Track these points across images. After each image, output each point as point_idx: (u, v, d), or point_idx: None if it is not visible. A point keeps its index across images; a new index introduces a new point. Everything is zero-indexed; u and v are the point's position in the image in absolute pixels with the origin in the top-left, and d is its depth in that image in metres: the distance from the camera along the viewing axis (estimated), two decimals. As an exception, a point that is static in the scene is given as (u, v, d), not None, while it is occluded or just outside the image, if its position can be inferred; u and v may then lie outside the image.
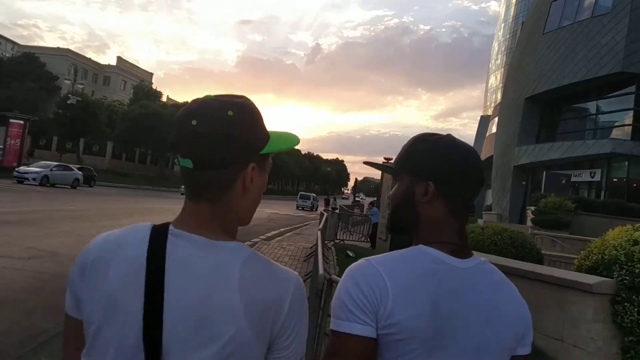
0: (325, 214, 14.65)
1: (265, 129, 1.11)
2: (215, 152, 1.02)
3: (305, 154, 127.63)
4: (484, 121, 63.52)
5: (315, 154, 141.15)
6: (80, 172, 35.65)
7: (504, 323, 1.20)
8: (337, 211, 22.34)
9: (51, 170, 32.36)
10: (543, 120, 31.54)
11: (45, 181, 31.09)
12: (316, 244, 8.68)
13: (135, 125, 54.95)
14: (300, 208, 52.97)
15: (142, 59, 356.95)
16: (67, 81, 49.72)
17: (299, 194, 59.38)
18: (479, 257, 1.25)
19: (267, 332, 1.00)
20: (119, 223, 16.01)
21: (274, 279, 1.03)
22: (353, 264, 1.20)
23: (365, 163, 1.56)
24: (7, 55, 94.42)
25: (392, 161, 1.39)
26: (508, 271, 1.95)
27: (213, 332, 0.95)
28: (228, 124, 1.03)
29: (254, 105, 1.11)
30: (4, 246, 9.47)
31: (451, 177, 1.23)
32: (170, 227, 1.04)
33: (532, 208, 22.20)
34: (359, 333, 1.10)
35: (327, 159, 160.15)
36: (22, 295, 6.53)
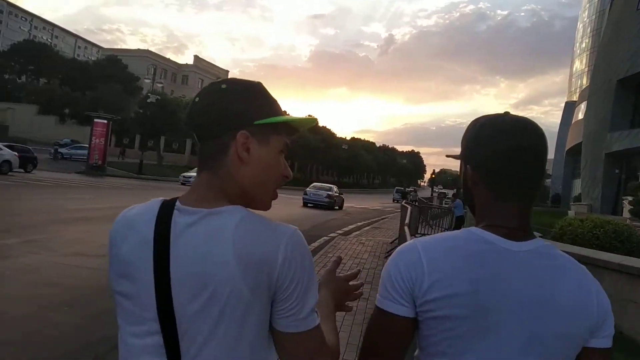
0: (409, 207, 13.82)
1: (267, 103, 1.15)
2: (208, 123, 1.11)
3: (380, 146, 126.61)
4: (569, 107, 60.53)
5: (390, 146, 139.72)
6: (13, 153, 26.63)
7: (560, 312, 1.12)
8: (415, 204, 21.38)
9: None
10: (638, 103, 29.10)
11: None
12: (403, 241, 7.90)
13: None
14: (396, 201, 53.69)
15: (218, 58, 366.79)
16: (147, 80, 51.16)
17: (395, 189, 59.00)
18: (541, 240, 1.19)
19: (264, 286, 1.03)
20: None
21: (266, 233, 1.05)
22: (398, 248, 1.22)
23: (448, 156, 1.49)
24: (93, 58, 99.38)
25: None
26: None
27: (212, 289, 1.01)
28: (220, 95, 1.12)
29: (258, 85, 1.17)
30: (81, 243, 9.36)
31: (487, 160, 1.20)
32: (177, 202, 1.11)
33: (630, 198, 20.46)
34: (394, 311, 1.15)
35: (402, 151, 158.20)
36: (91, 297, 6.20)
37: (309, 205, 30.24)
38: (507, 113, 1.27)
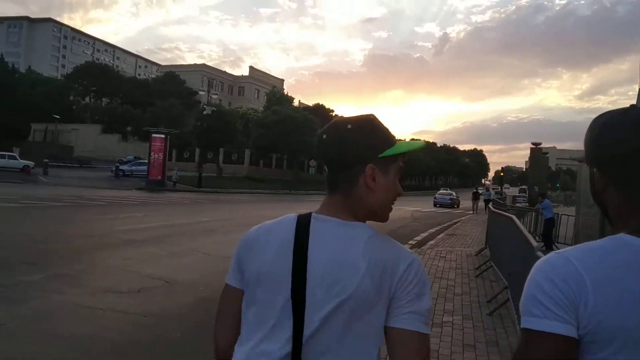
0: (492, 208, 11.88)
1: (385, 137, 1.33)
2: (339, 157, 1.31)
3: (440, 146, 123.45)
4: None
5: (451, 145, 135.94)
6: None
7: None
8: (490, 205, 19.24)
9: None
10: None
11: None
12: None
13: (269, 131, 55.14)
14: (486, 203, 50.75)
15: (273, 68, 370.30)
16: (202, 92, 50.91)
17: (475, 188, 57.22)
18: None
19: (386, 287, 1.20)
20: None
21: (392, 248, 1.26)
22: (541, 259, 1.11)
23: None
24: (152, 76, 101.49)
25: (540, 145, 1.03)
26: None
27: (342, 287, 1.19)
28: (347, 134, 1.30)
29: (375, 120, 1.35)
30: (118, 275, 8.00)
31: (615, 163, 1.12)
32: (313, 214, 1.32)
33: None
34: (559, 332, 1.02)
35: (464, 150, 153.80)
36: (104, 357, 4.73)
37: (437, 205, 42.62)
38: (632, 107, 1.18)
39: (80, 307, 6.15)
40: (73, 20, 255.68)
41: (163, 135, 39.14)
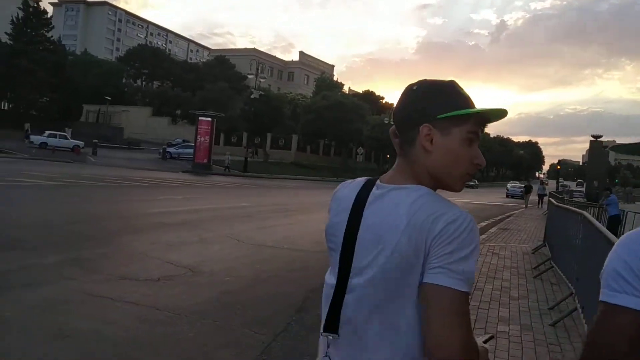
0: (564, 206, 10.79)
1: (451, 100, 1.27)
2: (401, 119, 1.31)
3: (494, 137, 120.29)
4: None
5: (505, 137, 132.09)
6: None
7: None
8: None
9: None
10: None
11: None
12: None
13: (318, 117, 54.46)
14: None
15: (323, 55, 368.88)
16: (251, 76, 50.56)
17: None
18: None
19: (422, 246, 1.16)
20: (290, 221, 13.82)
21: (438, 206, 1.19)
22: (624, 235, 1.10)
23: (614, 148, 1.36)
24: (203, 61, 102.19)
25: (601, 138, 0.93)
26: None
27: (383, 244, 1.21)
28: (410, 95, 1.30)
29: (447, 84, 1.31)
30: (139, 260, 7.41)
31: None
32: (379, 179, 1.35)
33: None
34: (636, 307, 1.01)
35: (518, 142, 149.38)
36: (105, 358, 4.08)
37: (509, 196, 46.88)
38: None
39: (90, 296, 5.53)
40: (129, 4, 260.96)
41: (210, 119, 39.00)
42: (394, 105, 1.38)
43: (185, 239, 9.43)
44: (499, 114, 1.30)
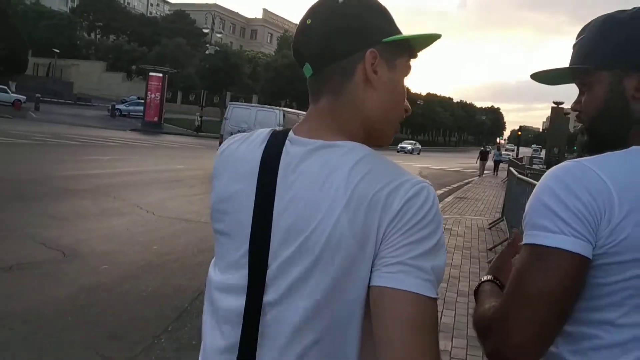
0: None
1: (388, 21, 1.00)
2: (329, 44, 0.96)
3: (457, 102, 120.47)
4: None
5: (468, 102, 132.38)
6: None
7: None
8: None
9: None
10: None
11: None
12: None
13: (278, 76, 52.52)
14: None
15: (289, 12, 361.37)
16: (206, 30, 48.16)
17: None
18: None
19: (372, 230, 0.85)
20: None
21: (389, 174, 0.89)
22: (555, 167, 0.97)
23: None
24: (163, 15, 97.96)
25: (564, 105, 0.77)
26: None
27: (312, 230, 0.88)
28: (339, 11, 0.96)
29: None
30: (3, 240, 5.91)
31: None
32: (290, 132, 0.99)
33: None
34: (577, 250, 0.88)
35: (481, 107, 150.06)
36: None
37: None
38: None
39: None
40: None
41: (161, 74, 36.74)
42: (296, 34, 1.01)
43: (80, 210, 7.94)
44: (436, 39, 1.02)
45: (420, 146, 58.37)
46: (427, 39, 1.02)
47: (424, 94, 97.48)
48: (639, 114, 1.00)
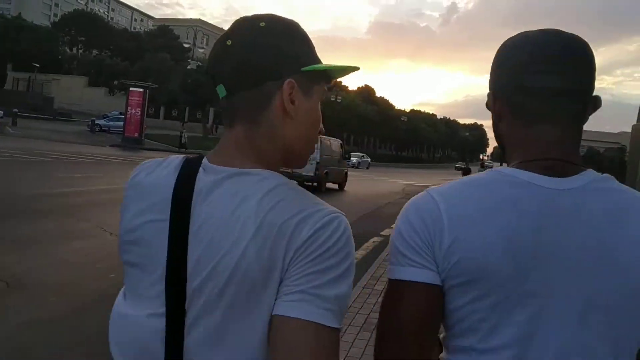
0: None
1: (309, 46, 1.00)
2: (247, 68, 0.93)
3: (441, 118, 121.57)
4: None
5: (452, 118, 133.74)
6: None
7: (625, 268, 0.90)
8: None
9: None
10: None
11: None
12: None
13: (261, 91, 52.16)
14: None
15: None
16: (186, 45, 47.87)
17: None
18: (595, 174, 0.96)
19: (279, 260, 0.84)
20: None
21: (300, 204, 0.87)
22: (413, 198, 1.01)
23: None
24: (147, 30, 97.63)
25: None
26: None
27: (220, 258, 0.85)
28: (259, 34, 0.94)
29: (297, 24, 1.01)
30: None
31: (511, 79, 1.00)
32: (204, 160, 0.96)
33: None
34: (417, 279, 0.92)
35: (464, 124, 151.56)
36: None
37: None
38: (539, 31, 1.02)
39: None
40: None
41: (142, 89, 36.22)
42: (214, 51, 0.99)
43: (39, 233, 7.44)
44: (353, 70, 1.04)
45: (369, 159, 54.44)
46: (345, 70, 1.02)
47: (408, 110, 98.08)
48: (502, 136, 1.05)
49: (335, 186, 21.92)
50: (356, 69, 1.03)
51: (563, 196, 0.92)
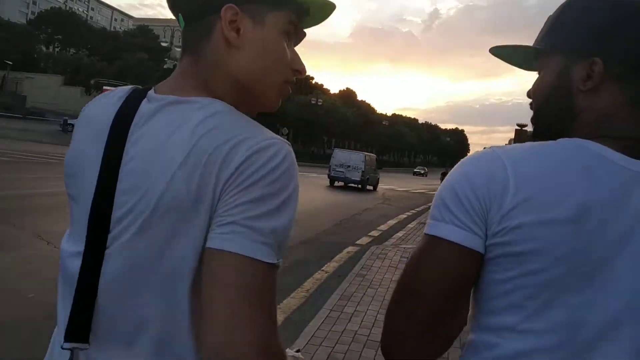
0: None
1: None
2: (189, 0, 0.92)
3: (422, 123, 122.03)
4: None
5: (433, 123, 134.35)
6: None
7: None
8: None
9: None
10: None
11: None
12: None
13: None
14: None
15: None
16: (164, 44, 46.85)
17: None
18: None
19: (209, 185, 0.79)
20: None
21: (234, 132, 0.81)
22: (474, 153, 0.93)
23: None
24: (125, 29, 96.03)
25: (523, 127, 0.99)
26: None
27: (148, 185, 0.81)
28: None
29: None
30: None
31: (632, 47, 0.89)
32: (150, 90, 0.93)
33: None
34: (459, 241, 0.84)
35: (445, 129, 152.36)
36: None
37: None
38: None
39: None
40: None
41: (115, 89, 35.07)
42: None
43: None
44: (323, 4, 0.96)
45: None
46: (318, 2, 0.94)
47: (389, 114, 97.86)
48: (582, 109, 0.91)
49: (371, 187, 28.19)
50: (328, 4, 0.96)
51: (638, 178, 0.83)
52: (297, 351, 1.09)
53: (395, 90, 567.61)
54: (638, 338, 0.82)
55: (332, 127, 63.29)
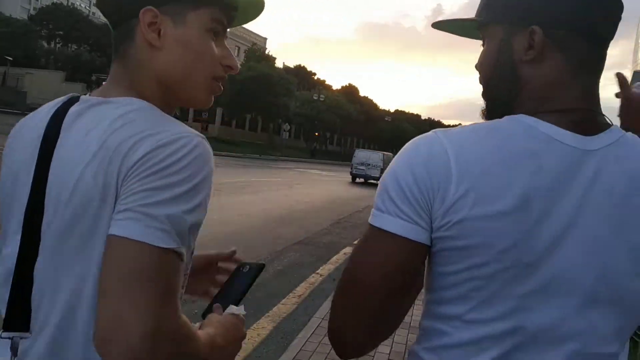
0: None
1: None
2: (112, 3, 0.96)
3: (425, 119, 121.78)
4: (637, 78, 53.69)
5: (436, 119, 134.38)
6: None
7: None
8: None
9: None
10: None
11: None
12: None
13: (243, 89, 50.94)
14: None
15: (257, 26, 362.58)
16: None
17: None
18: (619, 131, 0.88)
19: (113, 179, 0.82)
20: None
21: (143, 127, 0.84)
22: (415, 138, 0.90)
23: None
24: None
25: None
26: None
27: (64, 187, 0.85)
28: None
29: None
30: None
31: (570, 11, 0.86)
32: (86, 95, 0.98)
33: None
34: (403, 234, 0.83)
35: (448, 125, 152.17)
36: None
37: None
38: None
39: None
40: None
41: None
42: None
43: None
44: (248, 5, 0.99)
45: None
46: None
47: (392, 111, 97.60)
48: (527, 80, 0.88)
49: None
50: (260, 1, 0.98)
51: (586, 157, 0.82)
52: (238, 302, 1.05)
53: (398, 86, 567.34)
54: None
55: (334, 123, 62.98)
